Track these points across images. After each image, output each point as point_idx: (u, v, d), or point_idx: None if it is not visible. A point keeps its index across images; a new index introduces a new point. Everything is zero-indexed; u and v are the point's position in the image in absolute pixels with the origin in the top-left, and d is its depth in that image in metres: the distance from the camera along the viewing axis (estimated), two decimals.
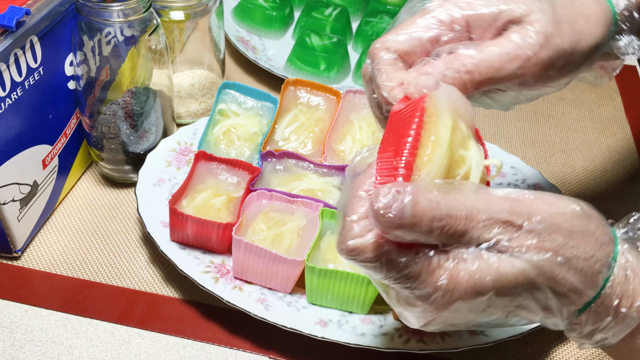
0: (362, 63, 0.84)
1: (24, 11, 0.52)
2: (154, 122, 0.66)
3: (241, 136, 0.68)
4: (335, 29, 0.91)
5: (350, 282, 0.54)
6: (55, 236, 0.63)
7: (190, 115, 0.77)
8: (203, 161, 0.63)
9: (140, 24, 0.59)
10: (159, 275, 0.60)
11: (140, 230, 0.64)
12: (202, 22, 0.72)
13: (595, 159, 0.79)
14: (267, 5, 0.93)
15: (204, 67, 0.77)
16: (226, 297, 0.55)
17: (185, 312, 0.57)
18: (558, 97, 0.89)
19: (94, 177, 0.69)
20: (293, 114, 0.70)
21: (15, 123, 0.55)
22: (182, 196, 0.60)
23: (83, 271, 0.60)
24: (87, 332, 0.55)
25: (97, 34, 0.58)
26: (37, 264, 0.60)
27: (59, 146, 0.63)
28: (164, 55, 0.63)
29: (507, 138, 0.81)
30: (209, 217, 0.58)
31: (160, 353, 0.54)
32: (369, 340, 0.54)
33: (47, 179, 0.62)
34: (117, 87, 0.61)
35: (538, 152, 0.80)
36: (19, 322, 0.55)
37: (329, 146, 0.67)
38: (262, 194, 0.60)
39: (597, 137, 0.83)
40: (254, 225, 0.58)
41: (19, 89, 0.54)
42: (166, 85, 0.66)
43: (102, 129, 0.63)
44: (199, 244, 0.59)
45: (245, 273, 0.57)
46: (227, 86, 0.71)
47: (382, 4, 0.97)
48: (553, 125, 0.84)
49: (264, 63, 0.85)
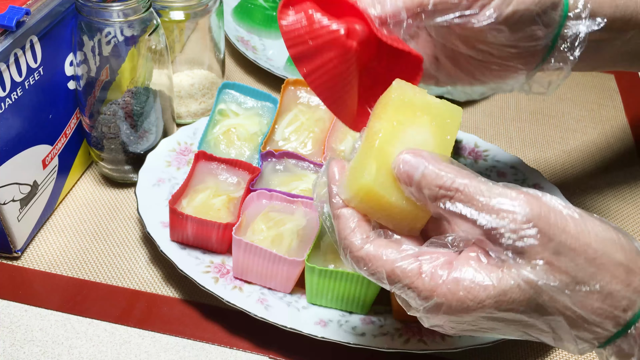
0: None
1: (24, 11, 0.52)
2: (154, 122, 0.66)
3: (241, 136, 0.68)
4: None
5: (350, 282, 0.54)
6: (55, 236, 0.63)
7: (190, 115, 0.77)
8: (203, 161, 0.63)
9: (140, 24, 0.59)
10: (159, 275, 0.60)
11: (140, 230, 0.64)
12: (202, 22, 0.72)
13: (595, 159, 0.79)
14: (267, 5, 0.93)
15: (204, 67, 0.77)
16: (226, 297, 0.55)
17: (185, 312, 0.57)
18: (558, 97, 0.89)
19: (94, 177, 0.69)
20: (293, 114, 0.70)
21: (15, 123, 0.55)
22: (182, 196, 0.60)
23: (83, 271, 0.60)
24: (87, 332, 0.55)
25: (97, 34, 0.58)
26: (37, 264, 0.60)
27: (59, 146, 0.63)
28: (164, 55, 0.63)
29: (507, 138, 0.81)
30: (209, 217, 0.58)
31: (160, 353, 0.54)
32: (369, 340, 0.54)
33: (47, 179, 0.62)
34: (117, 87, 0.61)
35: (538, 152, 0.80)
36: (19, 322, 0.55)
37: (329, 146, 0.67)
38: (262, 194, 0.60)
39: (597, 137, 0.83)
40: (254, 225, 0.58)
41: (19, 89, 0.54)
42: (166, 85, 0.66)
43: (102, 129, 0.63)
44: (199, 244, 0.59)
45: (245, 273, 0.57)
46: (227, 86, 0.71)
47: None
48: (553, 125, 0.84)
49: (264, 63, 0.85)
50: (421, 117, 0.40)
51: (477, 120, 0.84)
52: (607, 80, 0.94)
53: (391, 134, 0.40)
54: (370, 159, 0.39)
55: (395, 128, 0.40)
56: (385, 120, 0.40)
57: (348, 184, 0.41)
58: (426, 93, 0.41)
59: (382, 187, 0.39)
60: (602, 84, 0.93)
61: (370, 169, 0.39)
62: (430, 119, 0.41)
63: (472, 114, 0.85)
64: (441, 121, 0.41)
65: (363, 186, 0.39)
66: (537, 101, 0.88)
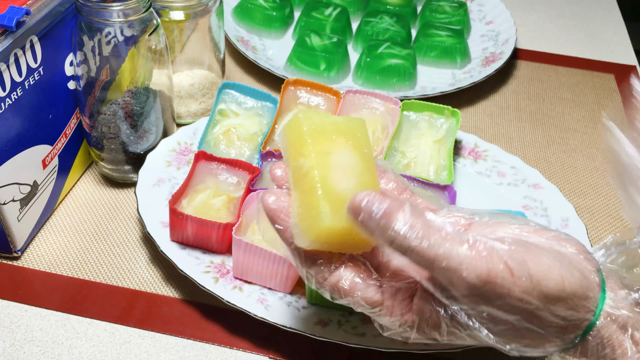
0: (362, 63, 0.84)
1: (24, 11, 0.52)
2: (154, 122, 0.66)
3: (241, 136, 0.68)
4: (335, 29, 0.91)
5: None
6: (55, 236, 0.63)
7: (190, 115, 0.77)
8: (203, 161, 0.63)
9: (140, 24, 0.59)
10: (159, 275, 0.60)
11: (140, 230, 0.64)
12: (202, 22, 0.72)
13: (595, 159, 0.79)
14: (267, 5, 0.93)
15: (204, 67, 0.77)
16: (226, 297, 0.55)
17: (185, 312, 0.57)
18: (558, 97, 0.89)
19: (94, 177, 0.69)
20: (293, 114, 0.70)
21: (15, 123, 0.55)
22: (182, 196, 0.60)
23: (83, 271, 0.60)
24: (87, 332, 0.55)
25: (97, 34, 0.58)
26: (37, 264, 0.60)
27: (59, 146, 0.63)
28: (164, 55, 0.63)
29: (507, 138, 0.81)
30: (208, 217, 0.58)
31: (160, 353, 0.54)
32: (369, 340, 0.54)
33: (47, 179, 0.62)
34: (117, 87, 0.61)
35: (538, 152, 0.80)
36: (19, 322, 0.55)
37: None
38: None
39: (597, 137, 0.83)
40: (254, 225, 0.58)
41: (19, 89, 0.54)
42: (166, 85, 0.66)
43: (102, 129, 0.63)
44: (199, 244, 0.59)
45: (245, 273, 0.57)
46: (227, 86, 0.71)
47: (382, 4, 0.97)
48: (553, 125, 0.84)
49: (264, 63, 0.85)
50: (337, 139, 0.41)
51: (477, 120, 0.84)
52: (607, 80, 0.94)
53: (323, 167, 0.40)
54: (318, 201, 0.39)
55: (323, 160, 0.40)
56: (310, 155, 0.40)
57: (304, 231, 0.40)
58: (328, 114, 0.42)
59: (342, 220, 0.39)
60: (602, 84, 0.93)
61: (325, 211, 0.39)
62: (345, 139, 0.41)
63: (472, 114, 0.85)
64: (354, 137, 0.42)
65: (324, 230, 0.39)
66: (537, 101, 0.88)
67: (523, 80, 0.92)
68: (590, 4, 1.13)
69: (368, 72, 0.84)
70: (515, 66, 0.95)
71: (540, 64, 0.96)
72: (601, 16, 1.10)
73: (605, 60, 0.98)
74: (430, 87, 0.85)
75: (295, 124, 0.41)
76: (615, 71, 0.95)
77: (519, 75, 0.93)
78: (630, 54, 1.00)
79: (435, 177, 0.67)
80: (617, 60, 0.98)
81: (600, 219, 0.71)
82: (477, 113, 0.85)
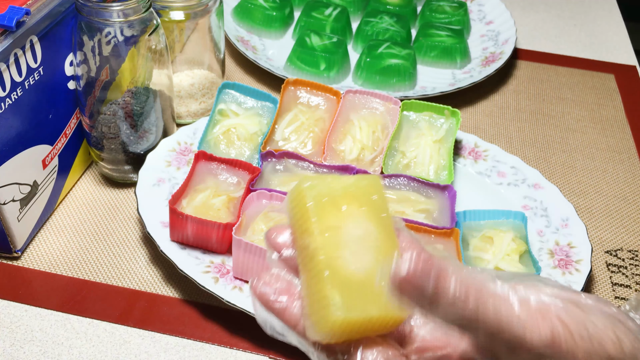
0: (362, 63, 0.84)
1: (24, 11, 0.52)
2: (154, 122, 0.66)
3: (241, 136, 0.68)
4: (335, 29, 0.91)
5: None
6: (55, 236, 0.63)
7: (190, 115, 0.77)
8: (203, 161, 0.63)
9: (140, 24, 0.59)
10: (159, 275, 0.60)
11: (140, 230, 0.64)
12: (202, 22, 0.72)
13: (595, 159, 0.79)
14: (267, 5, 0.93)
15: (204, 67, 0.77)
16: (226, 297, 0.55)
17: (185, 312, 0.57)
18: (558, 97, 0.89)
19: (94, 177, 0.69)
20: (293, 114, 0.70)
21: (15, 123, 0.55)
22: (182, 196, 0.60)
23: (83, 271, 0.60)
24: (87, 332, 0.55)
25: (97, 34, 0.58)
26: (37, 264, 0.60)
27: (59, 146, 0.63)
28: (164, 55, 0.63)
29: (507, 138, 0.81)
30: (208, 217, 0.58)
31: (160, 353, 0.54)
32: None
33: (47, 179, 0.62)
34: (117, 87, 0.61)
35: (538, 152, 0.80)
36: (19, 322, 0.55)
37: (329, 146, 0.67)
38: (262, 194, 0.60)
39: (597, 137, 0.83)
40: (254, 225, 0.58)
41: (19, 89, 0.54)
42: (166, 85, 0.66)
43: (102, 129, 0.63)
44: (198, 244, 0.59)
45: (245, 273, 0.57)
46: (227, 86, 0.71)
47: (382, 4, 0.97)
48: (553, 125, 0.84)
49: (264, 63, 0.85)
50: (349, 208, 0.35)
51: (477, 120, 0.84)
52: (607, 80, 0.94)
53: (332, 246, 0.34)
54: (326, 289, 0.33)
55: (332, 237, 0.34)
56: (314, 234, 0.34)
57: (314, 324, 0.35)
58: (336, 176, 0.36)
59: (358, 310, 0.33)
60: (602, 84, 0.93)
61: (335, 301, 0.33)
62: (358, 205, 0.35)
63: (472, 114, 0.85)
64: (368, 201, 0.35)
65: (336, 323, 0.33)
66: (537, 101, 0.88)
67: (523, 80, 0.92)
68: (590, 4, 1.13)
69: (368, 72, 0.84)
70: (515, 66, 0.95)
71: (540, 64, 0.96)
72: (601, 16, 1.10)
73: (605, 60, 0.98)
74: (430, 87, 0.85)
75: (299, 197, 0.36)
76: (615, 71, 0.95)
77: (519, 75, 0.93)
78: (630, 54, 1.00)
79: (435, 177, 0.67)
80: (617, 60, 0.98)
81: (600, 219, 0.71)
82: (477, 113, 0.85)
